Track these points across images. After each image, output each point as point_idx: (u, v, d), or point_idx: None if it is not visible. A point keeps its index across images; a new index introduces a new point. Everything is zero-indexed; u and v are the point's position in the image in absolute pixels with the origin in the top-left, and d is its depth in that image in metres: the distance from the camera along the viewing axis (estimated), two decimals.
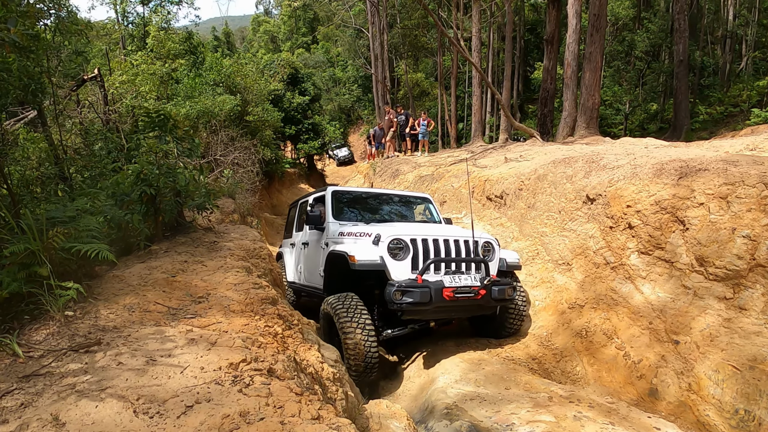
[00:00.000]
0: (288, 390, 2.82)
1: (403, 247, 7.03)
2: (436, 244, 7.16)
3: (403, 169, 18.33)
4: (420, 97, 48.04)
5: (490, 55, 37.02)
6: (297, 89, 36.22)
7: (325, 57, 68.86)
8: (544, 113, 21.48)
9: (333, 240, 8.14)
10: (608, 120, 33.00)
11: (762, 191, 6.13)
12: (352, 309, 6.75)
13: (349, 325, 6.57)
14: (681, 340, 6.20)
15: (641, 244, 7.31)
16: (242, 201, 15.25)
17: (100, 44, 21.82)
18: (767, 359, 5.28)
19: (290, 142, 38.48)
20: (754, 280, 5.85)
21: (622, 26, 37.11)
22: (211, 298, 4.28)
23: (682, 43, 25.00)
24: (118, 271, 4.79)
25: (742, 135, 12.51)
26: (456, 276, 7.01)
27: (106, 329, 3.39)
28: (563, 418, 5.01)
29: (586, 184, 8.79)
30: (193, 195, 6.85)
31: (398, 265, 6.92)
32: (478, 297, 6.90)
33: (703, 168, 7.09)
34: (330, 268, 7.89)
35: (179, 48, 23.71)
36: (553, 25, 20.33)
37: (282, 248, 11.81)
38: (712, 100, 30.63)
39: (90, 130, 9.58)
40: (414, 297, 6.54)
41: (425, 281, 6.72)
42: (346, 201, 9.23)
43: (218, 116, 17.28)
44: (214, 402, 2.58)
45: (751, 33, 34.01)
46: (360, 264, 6.76)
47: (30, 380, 2.73)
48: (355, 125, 64.96)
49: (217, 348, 3.18)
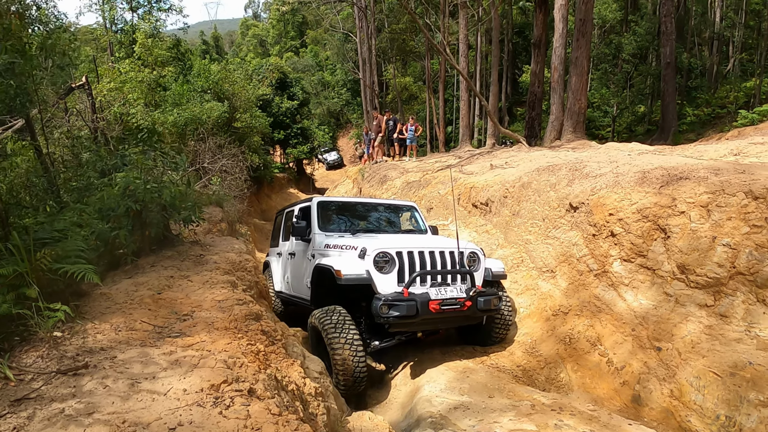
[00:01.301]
0: (267, 411, 2.88)
1: (389, 260, 7.05)
2: (422, 257, 7.24)
3: (391, 175, 18.39)
4: (408, 101, 48.07)
5: (478, 59, 37.10)
6: (286, 94, 36.32)
7: (314, 61, 68.86)
8: (532, 116, 21.60)
9: (319, 252, 8.17)
10: (596, 122, 33.13)
11: (742, 200, 6.23)
12: (339, 324, 6.72)
13: (336, 341, 6.54)
14: (663, 347, 6.29)
15: (624, 251, 7.40)
16: (230, 209, 15.25)
17: (88, 49, 21.81)
18: (748, 366, 5.37)
19: (279, 147, 38.57)
20: (734, 287, 5.95)
21: (609, 29, 37.29)
22: (195, 316, 4.34)
23: (669, 46, 25.13)
24: (106, 288, 4.83)
25: (728, 138, 12.61)
26: (442, 288, 7.06)
27: (93, 351, 3.44)
28: (545, 427, 5.08)
29: (569, 192, 8.88)
30: (179, 208, 6.87)
31: (384, 279, 6.95)
32: (464, 308, 6.98)
33: (685, 176, 7.19)
34: (317, 281, 7.85)
35: (167, 55, 23.70)
36: (540, 29, 20.45)
37: (269, 257, 11.83)
38: (699, 101, 30.79)
39: (78, 139, 9.57)
40: (401, 310, 6.60)
41: (411, 294, 6.77)
42: (331, 211, 9.28)
43: (206, 123, 17.30)
44: (195, 425, 2.64)
45: (737, 35, 34.26)
46: (346, 278, 6.78)
47: (21, 404, 2.78)
48: (344, 129, 64.92)
49: (199, 369, 3.24)
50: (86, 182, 7.63)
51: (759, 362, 5.32)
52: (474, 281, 7.36)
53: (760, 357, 5.36)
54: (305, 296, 8.59)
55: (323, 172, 50.38)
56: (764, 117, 17.64)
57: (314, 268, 7.77)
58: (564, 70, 18.88)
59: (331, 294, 7.52)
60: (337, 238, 8.14)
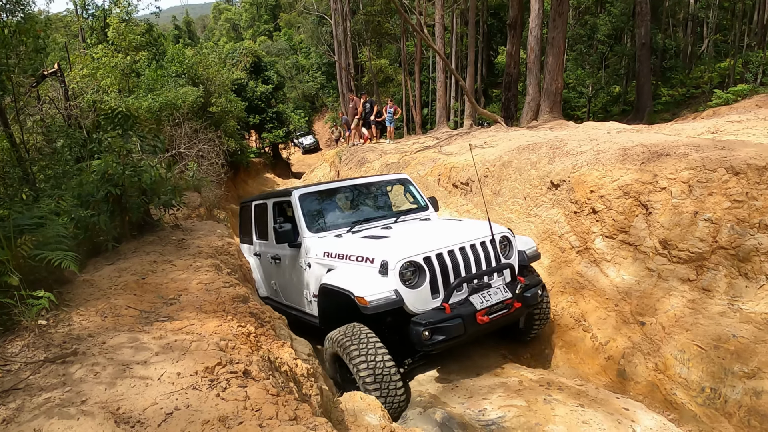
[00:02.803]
0: (264, 392, 2.85)
1: (416, 269, 5.74)
2: (453, 257, 5.95)
3: (369, 157, 18.33)
4: (384, 84, 48.07)
5: (454, 41, 37.05)
6: (260, 78, 36.10)
7: (288, 44, 68.27)
8: (508, 98, 21.63)
9: (317, 261, 6.84)
10: (571, 103, 33.28)
11: (723, 176, 6.27)
12: (364, 344, 5.51)
13: (365, 367, 5.36)
14: (647, 322, 6.34)
15: (605, 228, 7.44)
16: (208, 194, 15.14)
17: (59, 37, 21.46)
18: (731, 339, 5.43)
19: (254, 132, 38.39)
20: (716, 261, 6.00)
21: (584, 10, 37.32)
22: (182, 299, 4.28)
23: (644, 26, 25.27)
24: (88, 275, 4.75)
25: (704, 117, 12.72)
26: (484, 292, 5.85)
27: (81, 338, 3.38)
28: (534, 402, 5.13)
29: (551, 170, 8.89)
30: (159, 192, 6.76)
31: (415, 294, 5.63)
32: (512, 311, 5.93)
33: (665, 153, 7.23)
34: (325, 303, 6.54)
35: (140, 40, 23.39)
36: (516, 10, 20.41)
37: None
38: (674, 82, 31.00)
39: (52, 126, 9.43)
40: (446, 333, 5.44)
41: (453, 308, 5.59)
42: (317, 203, 7.83)
43: (181, 108, 17.10)
44: (193, 408, 2.61)
45: (712, 16, 34.43)
46: (374, 306, 5.41)
47: (10, 395, 2.71)
48: (319, 113, 64.64)
49: (191, 352, 3.19)
50: (62, 169, 7.52)
51: (742, 335, 5.38)
52: (514, 273, 6.32)
53: (744, 330, 5.43)
54: (306, 310, 7.40)
55: (299, 156, 50.23)
56: (739, 97, 17.81)
57: (320, 288, 6.40)
58: (540, 50, 18.91)
59: (345, 309, 5.98)
60: (337, 242, 6.86)
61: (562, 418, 4.82)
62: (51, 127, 9.36)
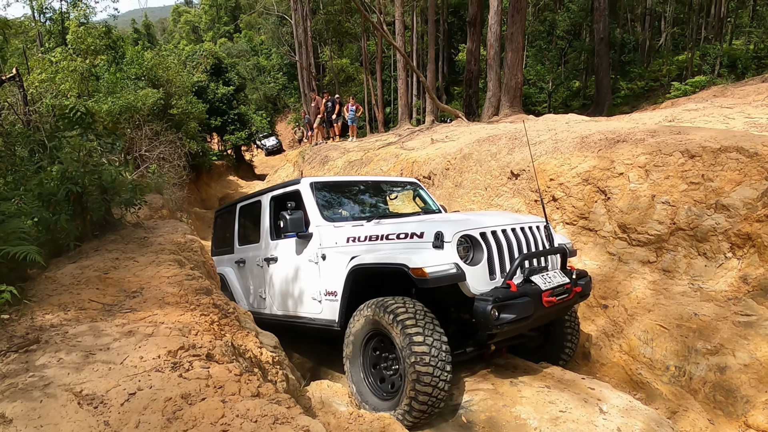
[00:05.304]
0: (227, 371, 2.87)
1: (472, 245, 5.17)
2: (507, 237, 5.40)
3: (332, 156, 18.33)
4: (346, 83, 48.04)
5: (414, 39, 37.18)
6: (221, 80, 35.72)
7: (249, 46, 67.86)
8: (469, 94, 21.81)
9: (339, 250, 6.01)
10: (532, 98, 33.61)
11: (679, 159, 6.42)
12: (421, 319, 4.81)
13: (419, 343, 4.65)
14: (610, 305, 6.46)
15: (566, 215, 7.56)
16: (171, 196, 15.00)
17: (17, 42, 21.10)
18: (693, 317, 5.56)
19: (216, 134, 37.96)
20: (675, 243, 6.14)
21: (543, 6, 37.76)
22: (145, 292, 4.25)
23: (602, 22, 25.65)
24: (50, 273, 4.70)
25: (662, 107, 12.98)
26: (545, 274, 5.35)
27: (44, 328, 3.36)
28: (501, 385, 5.18)
29: (510, 160, 8.98)
30: (120, 191, 6.68)
31: (474, 272, 5.00)
32: (570, 297, 5.44)
33: (622, 140, 7.37)
34: (354, 287, 5.69)
35: (99, 43, 23.10)
36: (475, 7, 20.55)
37: (222, 268, 8.63)
38: (633, 75, 31.56)
39: (11, 132, 9.28)
40: (516, 312, 4.84)
41: (521, 288, 5.01)
42: (329, 194, 7.09)
43: (141, 111, 16.91)
44: (156, 388, 2.62)
45: (669, 10, 35.16)
46: (434, 278, 4.69)
47: None
48: (281, 114, 64.38)
49: (154, 338, 3.19)
50: (22, 173, 7.40)
51: (704, 313, 5.52)
52: (566, 260, 5.80)
53: (705, 308, 5.56)
54: (315, 314, 6.41)
55: (262, 158, 49.87)
56: (697, 88, 18.27)
57: (352, 271, 5.61)
58: (500, 47, 19.10)
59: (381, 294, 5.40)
60: (365, 227, 6.03)
61: (528, 399, 4.88)
62: (10, 133, 9.20)
